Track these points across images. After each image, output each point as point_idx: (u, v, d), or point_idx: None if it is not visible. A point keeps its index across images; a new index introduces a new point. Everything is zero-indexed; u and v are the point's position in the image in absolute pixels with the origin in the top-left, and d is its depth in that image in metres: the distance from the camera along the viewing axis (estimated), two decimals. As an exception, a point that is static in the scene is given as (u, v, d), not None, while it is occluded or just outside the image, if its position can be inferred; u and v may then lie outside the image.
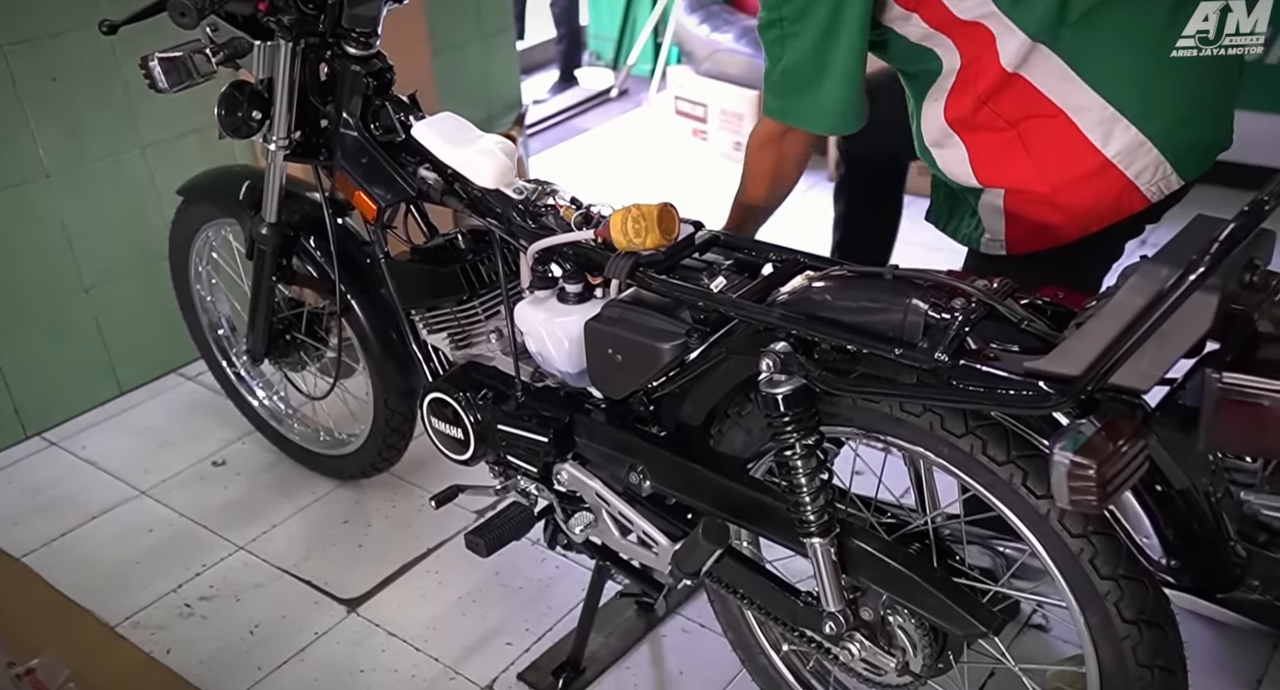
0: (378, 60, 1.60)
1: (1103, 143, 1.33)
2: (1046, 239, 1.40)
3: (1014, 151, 1.36)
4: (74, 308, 2.37)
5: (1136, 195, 1.37)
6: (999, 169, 1.39)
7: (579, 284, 1.45)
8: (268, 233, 1.80)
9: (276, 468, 2.24)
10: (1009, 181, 1.40)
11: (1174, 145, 1.35)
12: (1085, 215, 1.38)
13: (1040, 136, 1.35)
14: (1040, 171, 1.36)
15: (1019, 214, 1.41)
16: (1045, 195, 1.37)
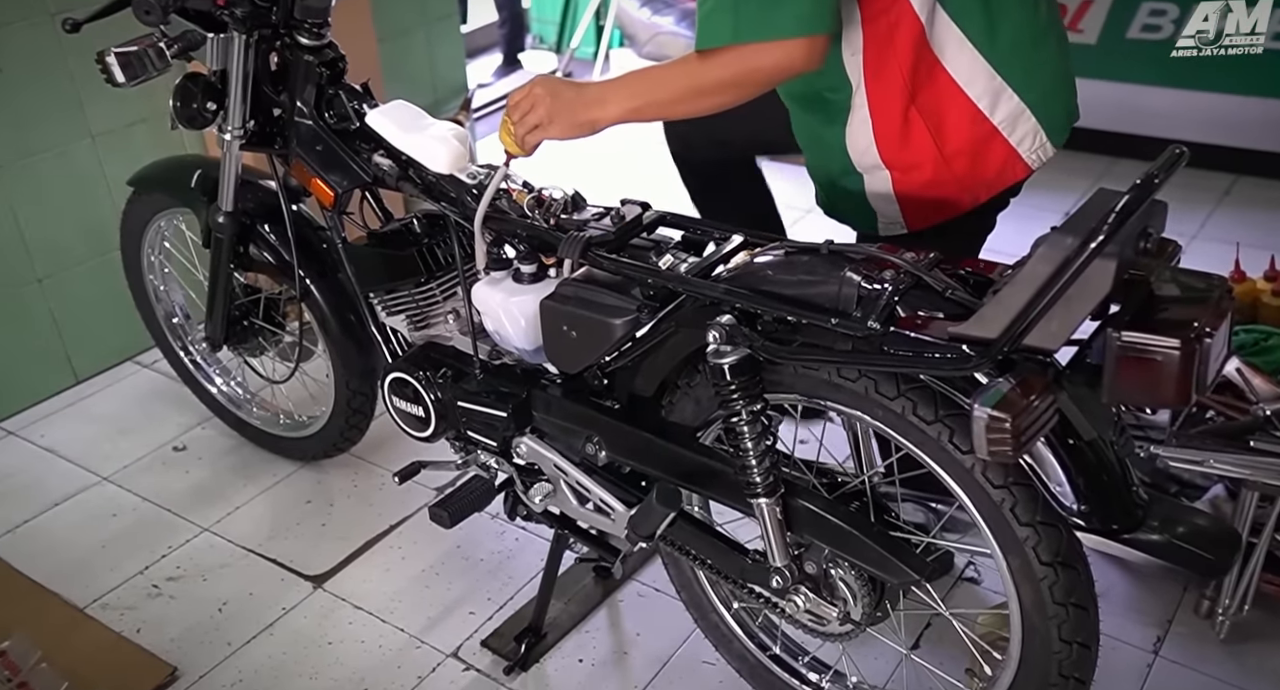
0: (330, 50, 1.64)
1: (990, 110, 1.42)
2: (943, 211, 1.48)
3: (914, 121, 1.42)
4: (28, 298, 2.38)
5: (1020, 163, 1.47)
6: (904, 143, 1.44)
7: (533, 264, 1.52)
8: (224, 221, 1.83)
9: (238, 451, 2.28)
10: (908, 157, 1.44)
11: (1048, 114, 1.45)
12: (976, 184, 1.47)
13: (936, 105, 1.41)
14: (938, 140, 1.43)
15: (910, 193, 1.47)
16: (940, 165, 1.43)
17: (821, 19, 1.29)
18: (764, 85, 1.36)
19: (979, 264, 1.26)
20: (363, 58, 2.67)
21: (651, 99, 1.39)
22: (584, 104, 1.40)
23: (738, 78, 1.33)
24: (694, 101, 1.37)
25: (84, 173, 2.38)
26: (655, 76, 1.40)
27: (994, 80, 1.40)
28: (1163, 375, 1.04)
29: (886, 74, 1.39)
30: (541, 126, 1.42)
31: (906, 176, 1.46)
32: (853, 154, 1.48)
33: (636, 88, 1.40)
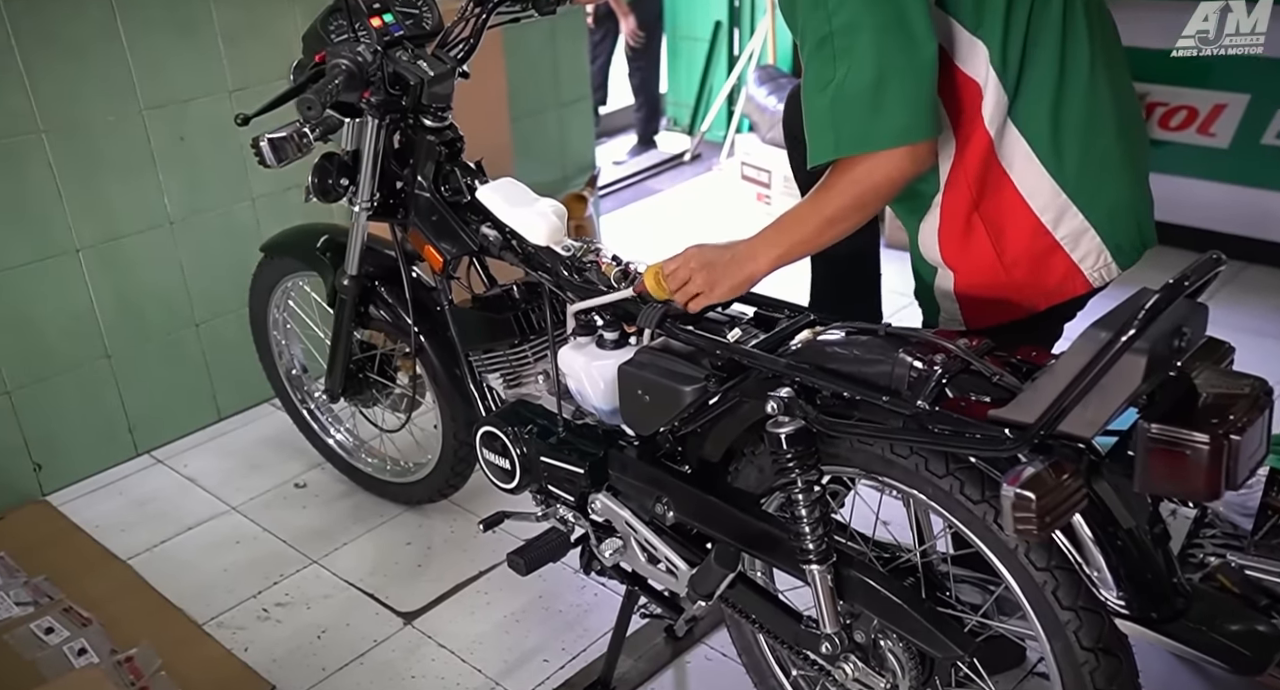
0: (450, 130, 1.82)
1: (1053, 225, 1.44)
2: (1001, 314, 1.51)
3: (976, 227, 1.46)
4: (186, 341, 2.65)
5: (1081, 278, 1.48)
6: (963, 245, 1.48)
7: (615, 332, 1.63)
8: (349, 283, 2.03)
9: (351, 492, 2.46)
10: (968, 260, 1.48)
11: (1114, 236, 1.46)
12: (1035, 293, 1.49)
13: (999, 213, 1.45)
14: (997, 247, 1.46)
15: (969, 293, 1.51)
16: (999, 271, 1.47)
17: (920, 127, 1.32)
18: (883, 198, 1.39)
19: (1031, 353, 1.30)
20: (496, 134, 2.91)
21: (793, 241, 1.45)
22: (737, 264, 1.47)
23: (857, 199, 1.38)
24: (830, 230, 1.42)
25: (243, 230, 2.66)
26: (789, 221, 1.46)
27: (1059, 197, 1.42)
28: (1192, 469, 1.06)
29: (958, 178, 1.45)
30: (704, 294, 1.49)
31: (967, 277, 1.50)
32: (923, 248, 1.54)
33: (777, 236, 1.47)
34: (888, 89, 1.29)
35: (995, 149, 1.41)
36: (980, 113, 1.39)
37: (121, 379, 2.55)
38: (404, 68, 1.73)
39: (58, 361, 2.42)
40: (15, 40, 2.17)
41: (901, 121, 1.31)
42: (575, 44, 3.37)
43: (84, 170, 2.34)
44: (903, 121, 1.31)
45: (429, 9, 1.84)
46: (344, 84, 1.56)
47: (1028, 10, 1.36)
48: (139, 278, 2.51)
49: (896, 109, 1.31)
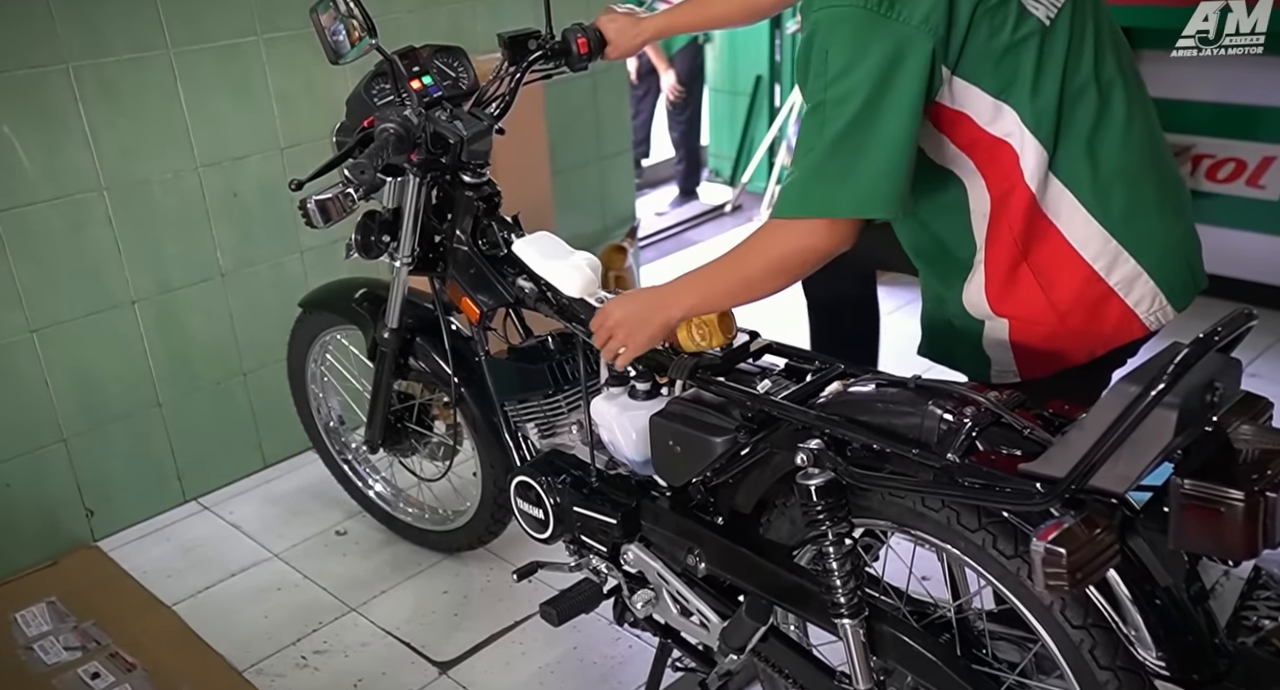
0: (488, 186, 1.87)
1: (1106, 272, 1.43)
2: (1058, 362, 1.49)
3: (1025, 277, 1.46)
4: (234, 389, 2.71)
5: (1137, 323, 1.46)
6: (1011, 296, 1.47)
7: (648, 383, 1.65)
8: (389, 336, 2.07)
9: (390, 541, 2.49)
10: (1020, 309, 1.48)
11: (1167, 279, 1.45)
12: (1093, 340, 1.47)
13: (1049, 263, 1.44)
14: (1049, 298, 1.46)
15: (1027, 343, 1.49)
16: (1053, 320, 1.46)
17: (877, 204, 1.33)
18: (805, 268, 1.42)
19: (1063, 406, 1.29)
20: (537, 187, 2.96)
21: (710, 294, 1.50)
22: (652, 312, 1.52)
23: (778, 263, 1.42)
24: (747, 292, 1.47)
25: (292, 281, 2.73)
26: (710, 272, 1.50)
27: (1109, 243, 1.42)
28: (1227, 526, 1.03)
29: (1001, 234, 1.45)
30: (627, 349, 1.56)
31: (1021, 326, 1.49)
32: (969, 307, 1.53)
33: (695, 285, 1.51)
34: (856, 163, 1.31)
35: (1039, 202, 1.41)
36: (1019, 170, 1.40)
37: (172, 427, 2.61)
38: (443, 127, 1.78)
39: (112, 410, 2.50)
40: (82, 104, 2.28)
41: (869, 191, 1.33)
42: (617, 98, 3.44)
43: (141, 225, 2.43)
44: (870, 191, 1.33)
45: (465, 69, 1.90)
46: (394, 147, 1.62)
47: (1060, 68, 1.37)
48: (190, 328, 2.59)
49: (859, 183, 1.32)
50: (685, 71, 5.09)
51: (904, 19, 1.26)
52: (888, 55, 1.28)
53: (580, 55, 1.88)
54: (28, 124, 2.22)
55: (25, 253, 2.27)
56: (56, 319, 2.35)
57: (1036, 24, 1.35)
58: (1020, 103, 1.37)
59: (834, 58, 1.30)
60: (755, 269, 1.44)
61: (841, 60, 1.30)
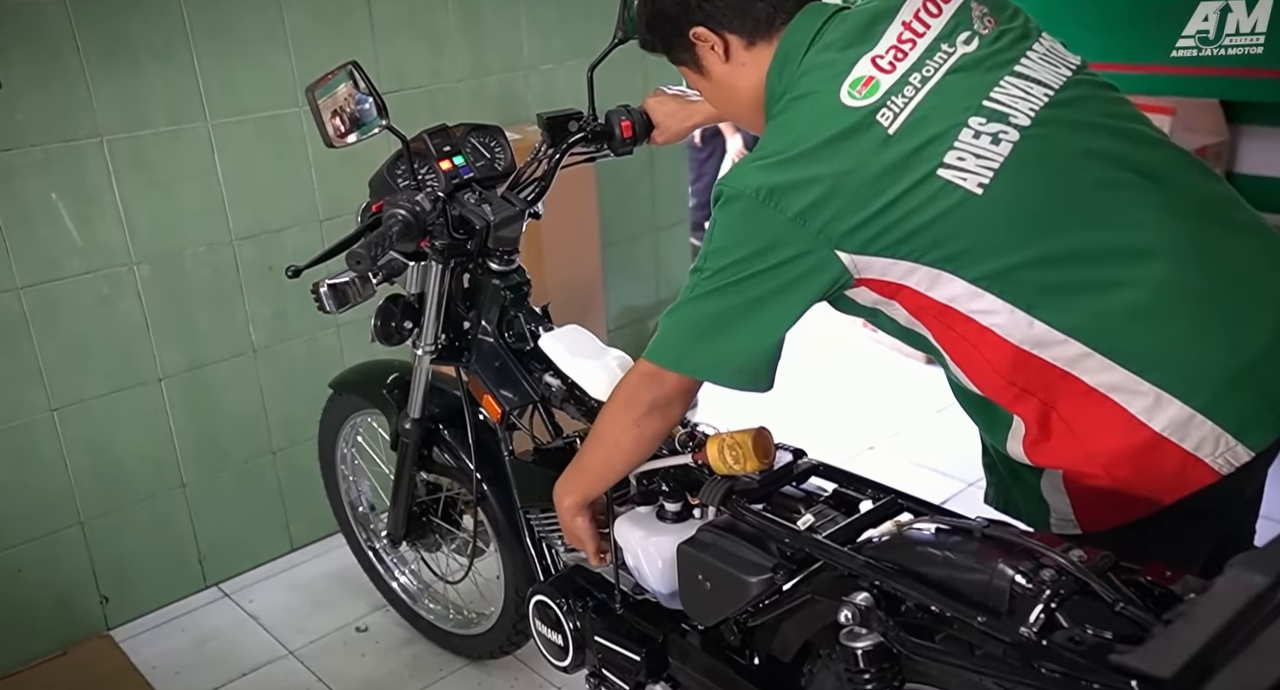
0: (516, 274, 1.72)
1: (1147, 417, 1.19)
2: (1120, 514, 1.25)
3: (1058, 427, 1.24)
4: (263, 468, 2.60)
5: (1204, 468, 1.21)
6: (1046, 447, 1.26)
7: (678, 503, 1.46)
8: (411, 427, 1.93)
9: (413, 640, 2.32)
10: (1059, 460, 1.26)
11: (1233, 416, 1.19)
12: (1152, 489, 1.23)
13: (1079, 413, 1.22)
14: (1086, 449, 1.23)
15: (1083, 492, 1.27)
16: (1099, 472, 1.23)
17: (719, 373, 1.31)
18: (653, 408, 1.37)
19: (1163, 572, 1.06)
20: (585, 261, 2.82)
21: (585, 467, 1.49)
22: (562, 510, 1.53)
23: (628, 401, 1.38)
24: (619, 451, 1.43)
25: (326, 357, 2.62)
26: (582, 449, 1.50)
27: (1141, 385, 1.18)
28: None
29: (1016, 393, 1.26)
30: (578, 541, 1.54)
31: (1074, 476, 1.27)
32: (1014, 455, 1.32)
33: (573, 471, 1.51)
34: (717, 335, 1.28)
35: (1039, 355, 1.21)
36: (986, 331, 1.22)
37: (195, 509, 2.50)
38: (470, 211, 1.64)
39: (133, 491, 2.40)
40: (115, 177, 2.21)
41: (712, 363, 1.31)
42: (674, 169, 3.30)
43: (171, 300, 2.35)
44: (713, 363, 1.31)
45: (502, 149, 1.77)
46: (399, 235, 1.48)
47: (1014, 224, 1.19)
48: (219, 405, 2.49)
49: (715, 353, 1.30)
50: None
51: (782, 210, 1.20)
52: (765, 247, 1.22)
53: (624, 139, 1.74)
54: (61, 198, 2.15)
55: (50, 329, 2.19)
56: (80, 397, 2.27)
57: (963, 195, 1.18)
58: (965, 268, 1.19)
59: (718, 233, 1.26)
60: (615, 418, 1.40)
61: (723, 238, 1.26)
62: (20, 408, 2.19)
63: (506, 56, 2.77)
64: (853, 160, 1.19)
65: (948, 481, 2.83)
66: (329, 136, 1.54)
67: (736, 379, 1.30)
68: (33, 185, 2.12)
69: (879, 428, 3.17)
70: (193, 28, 2.24)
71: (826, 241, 1.21)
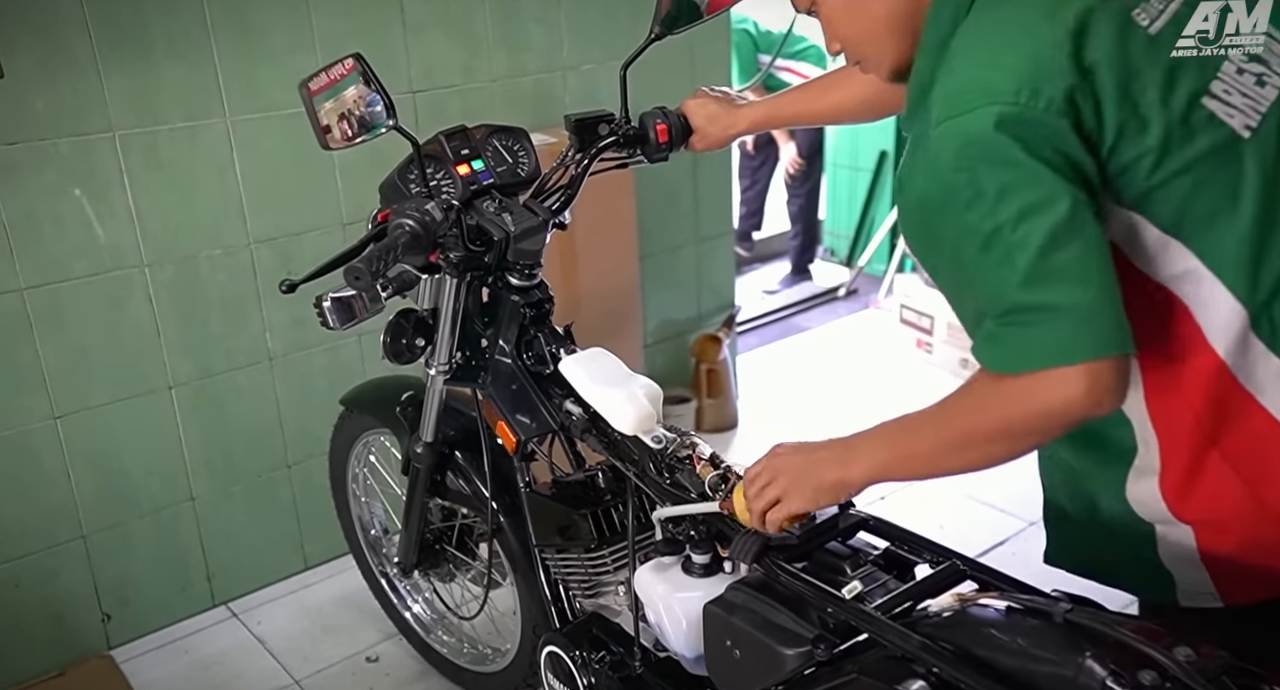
0: (538, 291, 1.57)
1: None
2: (1277, 584, 1.06)
3: (1215, 469, 1.05)
4: (277, 482, 2.48)
5: None
6: (1195, 492, 1.06)
7: (707, 555, 1.30)
8: (423, 451, 1.78)
9: (424, 674, 2.18)
10: (1211, 510, 1.07)
11: None
12: None
13: (1252, 450, 1.04)
14: (1256, 493, 1.04)
15: (1227, 556, 1.07)
16: (1263, 524, 1.04)
17: (1111, 338, 0.95)
18: (1044, 433, 1.02)
19: (1292, 679, 0.88)
20: (621, 273, 2.67)
21: (904, 454, 1.11)
22: (827, 464, 1.14)
23: (1006, 424, 1.01)
24: (957, 457, 1.06)
25: (348, 366, 2.49)
26: (907, 425, 1.10)
27: None
28: None
29: (1177, 413, 1.05)
30: (782, 502, 1.16)
31: (1215, 535, 1.07)
32: (1135, 504, 1.11)
33: (886, 440, 1.12)
34: (1085, 286, 0.95)
35: (1233, 372, 1.02)
36: (1197, 328, 1.02)
37: (205, 524, 2.39)
38: (488, 221, 1.50)
39: (139, 505, 2.28)
40: (127, 175, 2.10)
41: (1102, 321, 0.95)
42: (720, 176, 3.13)
43: (184, 305, 2.24)
44: (1103, 321, 0.95)
45: (526, 153, 1.62)
46: (406, 248, 1.33)
47: (1264, 192, 0.99)
48: (232, 416, 2.37)
49: (1094, 307, 0.95)
50: (807, 144, 4.76)
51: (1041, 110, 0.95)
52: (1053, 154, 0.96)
53: (658, 144, 1.58)
54: (69, 195, 2.05)
55: (54, 332, 2.09)
56: (84, 404, 2.16)
57: (1227, 135, 0.99)
58: (1200, 238, 1.00)
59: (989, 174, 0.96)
60: (975, 427, 1.05)
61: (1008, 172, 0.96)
62: (20, 415, 2.09)
63: (544, 56, 2.62)
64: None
65: (1006, 519, 2.63)
66: (326, 139, 1.39)
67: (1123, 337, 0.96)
68: (40, 181, 2.01)
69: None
70: (212, 19, 2.12)
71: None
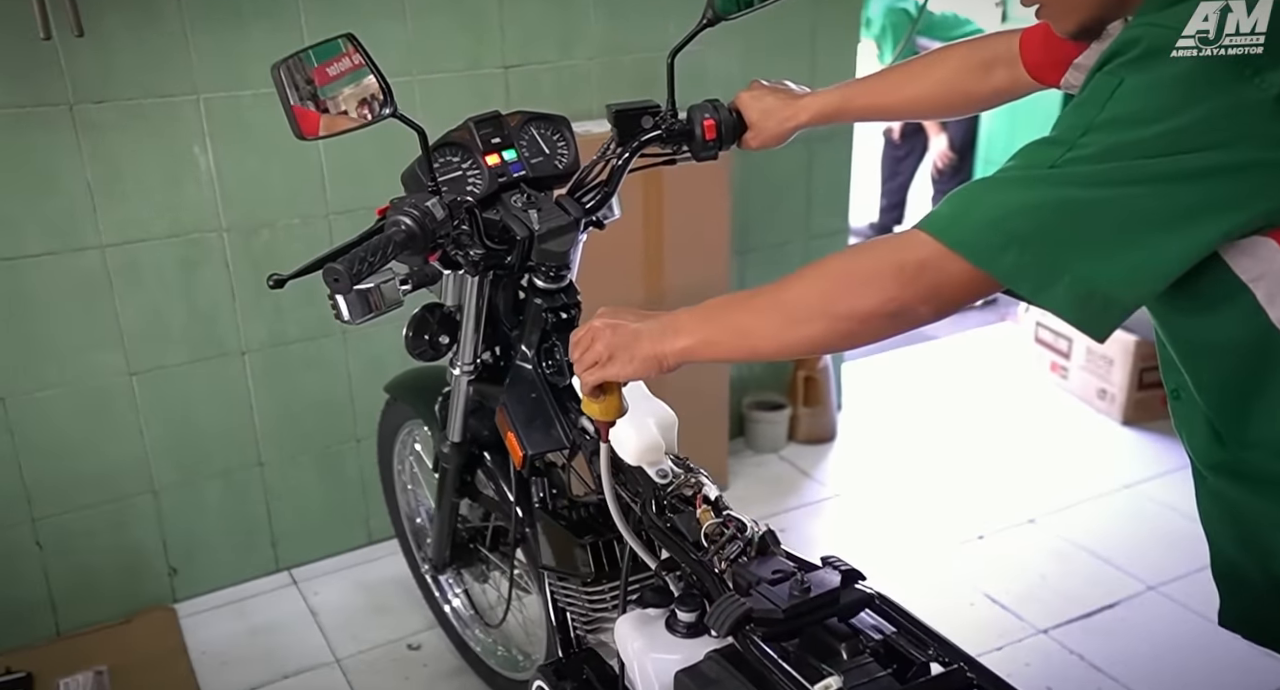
0: (564, 295, 1.44)
1: None
2: None
3: None
4: (345, 455, 2.47)
5: None
6: None
7: (693, 613, 1.15)
8: (449, 451, 1.70)
9: (460, 671, 2.11)
10: None
11: None
12: None
13: None
14: None
15: None
16: None
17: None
18: (919, 287, 0.93)
19: None
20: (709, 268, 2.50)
21: (729, 328, 1.05)
22: (650, 335, 1.09)
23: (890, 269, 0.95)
24: (793, 330, 1.01)
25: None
26: (739, 300, 1.06)
27: None
28: None
29: None
30: (600, 364, 1.12)
31: None
32: None
33: (709, 315, 1.07)
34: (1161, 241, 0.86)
35: None
36: None
37: (272, 490, 2.40)
38: (511, 217, 1.38)
39: (208, 465, 2.31)
40: (210, 139, 2.10)
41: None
42: (838, 168, 2.89)
43: (259, 271, 2.23)
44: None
45: (566, 145, 1.49)
46: (397, 248, 1.23)
47: None
48: (302, 386, 2.36)
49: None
50: (960, 136, 4.43)
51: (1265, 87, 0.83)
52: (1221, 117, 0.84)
53: (705, 142, 1.42)
54: (152, 156, 2.06)
55: (132, 291, 2.12)
56: (159, 363, 2.19)
57: None
58: None
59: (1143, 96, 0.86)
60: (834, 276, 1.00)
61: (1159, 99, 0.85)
62: (98, 369, 2.14)
63: (650, 34, 2.47)
64: None
65: (1122, 578, 2.34)
66: (301, 128, 1.30)
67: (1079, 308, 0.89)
68: (123, 141, 2.03)
69: (1047, 497, 2.69)
70: (301, -18, 2.09)
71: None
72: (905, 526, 2.60)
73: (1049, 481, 2.76)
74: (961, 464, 2.86)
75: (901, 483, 2.80)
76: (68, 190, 2.01)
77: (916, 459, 2.91)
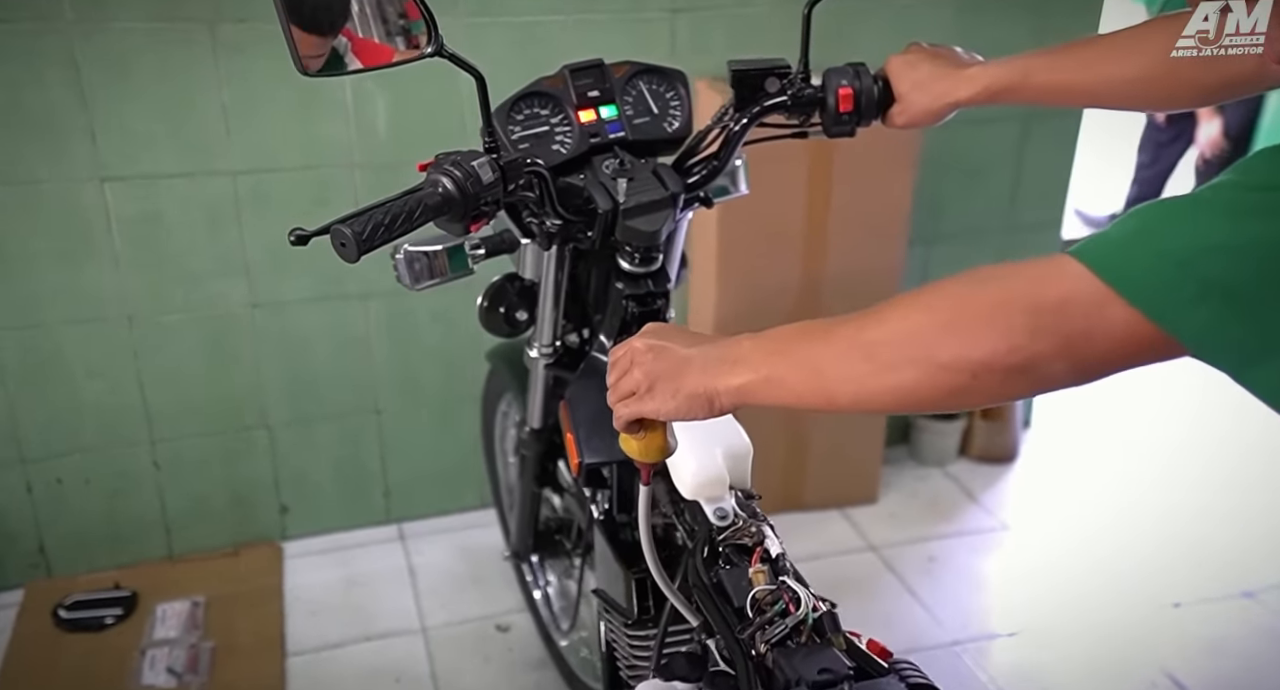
0: (651, 281, 1.21)
1: None
2: None
3: None
4: (464, 414, 2.33)
5: None
6: None
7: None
8: (528, 439, 1.52)
9: (543, 666, 1.96)
10: None
11: None
12: None
13: None
14: None
15: None
16: None
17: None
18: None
19: None
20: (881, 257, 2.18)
21: (800, 356, 0.78)
22: (702, 365, 0.83)
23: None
24: (882, 377, 0.73)
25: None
26: (813, 331, 0.79)
27: None
28: None
29: None
30: (637, 396, 0.87)
31: None
32: None
33: (781, 345, 0.80)
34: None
35: None
36: None
37: (387, 440, 2.32)
38: (595, 185, 1.16)
39: (325, 406, 2.25)
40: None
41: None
42: (1058, 151, 2.46)
43: (391, 214, 2.12)
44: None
45: (680, 105, 1.24)
46: (428, 213, 1.04)
47: None
48: (425, 338, 2.25)
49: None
50: (1236, 122, 3.78)
51: None
52: None
53: (839, 114, 1.13)
54: (287, 85, 1.97)
55: (258, 221, 2.05)
56: (280, 298, 2.13)
57: None
58: None
59: None
60: (941, 310, 0.73)
61: None
62: (220, 298, 2.10)
63: (846, -25, 2.15)
64: None
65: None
66: (302, 60, 1.10)
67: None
68: (261, 66, 1.95)
69: (1271, 565, 2.22)
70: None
71: None
72: (1083, 579, 2.21)
73: (1277, 547, 2.28)
74: (1166, 511, 2.41)
75: (1087, 523, 2.39)
76: (203, 112, 1.95)
77: (1110, 497, 2.49)
